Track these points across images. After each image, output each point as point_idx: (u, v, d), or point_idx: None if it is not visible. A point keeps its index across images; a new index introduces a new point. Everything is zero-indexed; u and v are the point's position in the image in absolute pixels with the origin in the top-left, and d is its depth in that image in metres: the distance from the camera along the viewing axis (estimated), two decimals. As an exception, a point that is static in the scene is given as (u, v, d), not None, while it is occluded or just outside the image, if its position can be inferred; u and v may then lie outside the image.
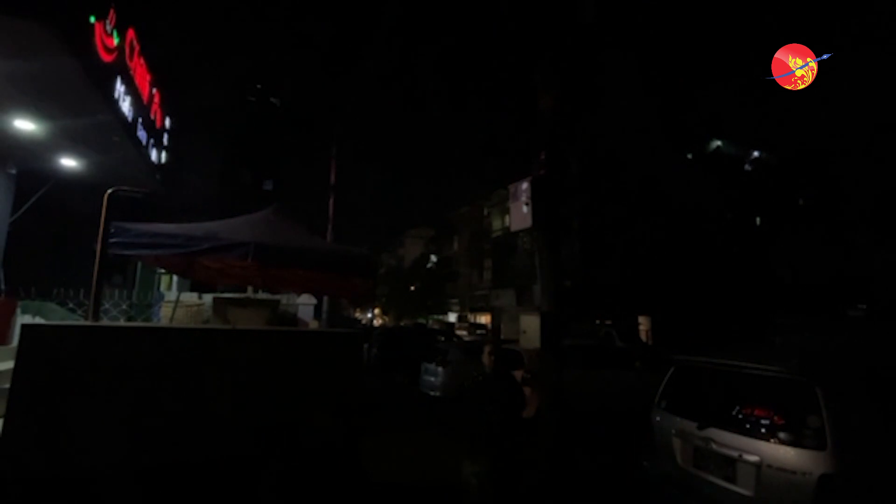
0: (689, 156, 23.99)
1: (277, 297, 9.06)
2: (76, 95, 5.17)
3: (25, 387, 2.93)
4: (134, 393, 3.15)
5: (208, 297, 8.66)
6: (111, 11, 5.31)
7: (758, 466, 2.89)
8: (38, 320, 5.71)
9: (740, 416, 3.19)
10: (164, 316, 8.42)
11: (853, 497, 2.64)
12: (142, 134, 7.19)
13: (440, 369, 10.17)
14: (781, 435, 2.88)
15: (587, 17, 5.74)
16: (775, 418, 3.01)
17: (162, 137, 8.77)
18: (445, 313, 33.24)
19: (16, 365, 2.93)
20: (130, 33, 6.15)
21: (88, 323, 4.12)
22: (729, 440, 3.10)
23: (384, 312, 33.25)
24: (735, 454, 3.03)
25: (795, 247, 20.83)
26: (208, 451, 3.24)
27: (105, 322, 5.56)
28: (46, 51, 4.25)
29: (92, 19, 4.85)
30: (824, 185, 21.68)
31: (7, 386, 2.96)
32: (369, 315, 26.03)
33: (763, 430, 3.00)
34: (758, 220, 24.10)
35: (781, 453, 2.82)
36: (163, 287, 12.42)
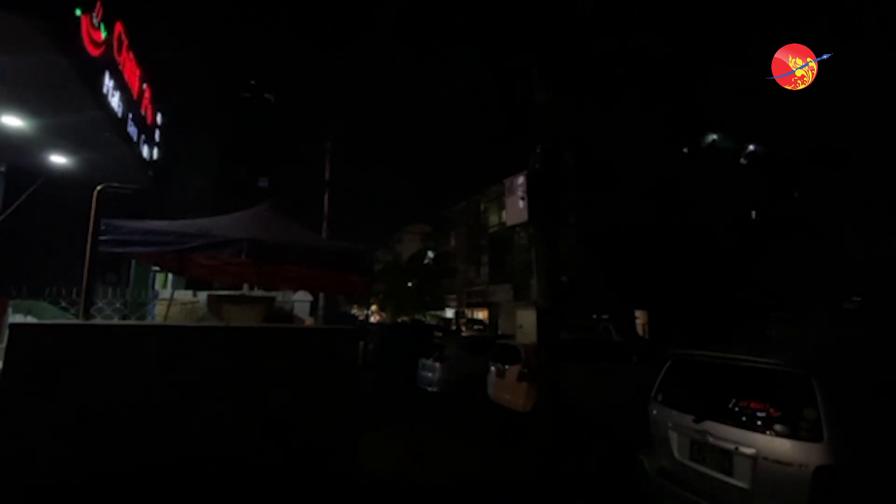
0: (685, 150, 24.01)
1: (273, 293, 9.02)
2: (63, 91, 5.06)
3: (12, 387, 2.89)
4: (124, 392, 3.10)
5: (203, 295, 8.62)
6: (98, 4, 5.20)
7: (754, 459, 2.89)
8: (30, 319, 5.63)
9: (737, 409, 3.19)
10: (158, 314, 8.38)
11: (849, 489, 2.64)
12: (132, 130, 7.08)
13: (437, 365, 10.18)
14: (778, 427, 2.88)
15: (584, 9, 5.70)
16: (772, 411, 3.00)
17: (154, 134, 8.65)
18: (443, 309, 33.24)
19: (3, 365, 2.89)
20: (118, 27, 6.03)
21: (78, 321, 4.07)
22: (725, 433, 3.10)
23: (382, 308, 33.21)
24: (731, 447, 3.02)
25: (791, 241, 20.91)
26: (200, 450, 3.21)
27: (97, 320, 5.50)
28: (31, 45, 4.15)
29: (78, 12, 4.74)
30: (820, 180, 21.75)
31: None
32: (367, 311, 25.98)
33: (759, 423, 2.99)
34: (753, 214, 24.18)
35: (778, 446, 2.82)
36: (158, 285, 12.36)
